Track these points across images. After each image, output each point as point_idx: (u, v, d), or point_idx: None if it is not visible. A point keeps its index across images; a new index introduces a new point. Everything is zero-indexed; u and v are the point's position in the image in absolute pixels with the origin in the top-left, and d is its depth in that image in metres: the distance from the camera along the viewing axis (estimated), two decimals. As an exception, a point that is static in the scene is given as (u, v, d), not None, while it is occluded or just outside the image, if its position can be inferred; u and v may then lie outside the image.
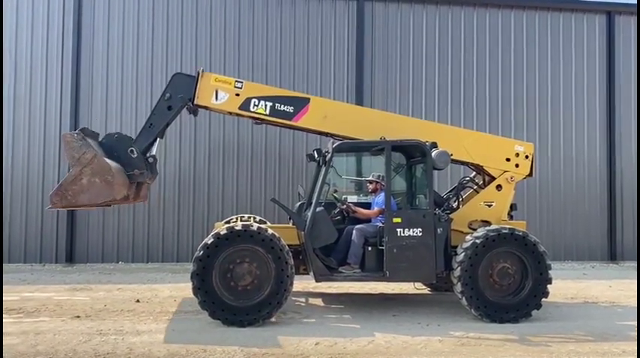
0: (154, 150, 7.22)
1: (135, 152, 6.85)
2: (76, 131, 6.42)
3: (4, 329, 5.95)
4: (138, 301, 7.56)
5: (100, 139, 6.98)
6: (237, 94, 7.18)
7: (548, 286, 6.60)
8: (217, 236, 6.25)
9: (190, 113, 7.43)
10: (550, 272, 6.60)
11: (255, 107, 7.18)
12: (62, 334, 5.81)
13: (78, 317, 6.60)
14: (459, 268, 6.47)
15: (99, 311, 6.91)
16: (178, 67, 11.09)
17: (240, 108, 7.20)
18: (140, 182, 7.13)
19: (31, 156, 11.20)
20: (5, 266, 10.72)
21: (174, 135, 11.49)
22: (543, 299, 6.62)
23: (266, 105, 7.19)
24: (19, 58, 11.32)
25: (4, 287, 8.54)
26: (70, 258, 11.18)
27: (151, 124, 7.14)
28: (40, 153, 11.22)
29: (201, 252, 6.19)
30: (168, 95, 7.13)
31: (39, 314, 6.73)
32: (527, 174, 7.55)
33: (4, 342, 5.45)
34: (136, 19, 11.64)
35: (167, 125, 7.27)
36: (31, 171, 11.16)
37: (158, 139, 7.22)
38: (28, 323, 6.25)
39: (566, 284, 9.14)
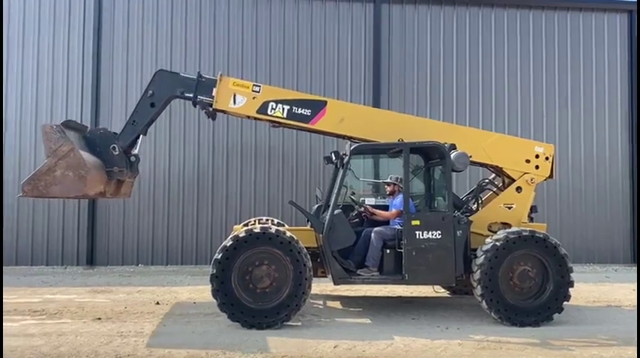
0: (137, 149, 7.24)
1: (117, 149, 6.86)
2: (56, 123, 6.36)
3: (28, 330, 6.07)
4: (158, 303, 7.63)
5: (86, 133, 6.96)
6: (255, 98, 7.22)
7: (570, 289, 6.51)
8: (236, 238, 6.28)
9: (209, 117, 7.50)
10: (572, 275, 6.51)
11: (273, 110, 7.21)
12: (84, 335, 5.88)
13: (99, 319, 6.68)
14: (479, 271, 6.41)
15: (119, 313, 6.98)
16: (197, 69, 11.15)
17: (257, 111, 7.24)
18: (124, 179, 7.14)
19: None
20: (28, 268, 10.94)
21: (193, 138, 11.61)
22: (565, 303, 6.52)
23: (283, 109, 7.22)
24: (40, 62, 11.50)
25: (24, 289, 8.70)
26: (91, 261, 11.32)
27: (134, 121, 7.18)
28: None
29: (221, 255, 6.22)
30: (151, 92, 7.17)
31: (61, 316, 6.83)
32: (547, 175, 7.46)
33: (28, 343, 5.55)
34: (155, 21, 11.77)
35: (151, 122, 7.32)
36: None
37: (142, 136, 7.26)
38: (50, 325, 6.35)
39: (588, 288, 9.00)
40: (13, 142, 11.34)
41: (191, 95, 7.18)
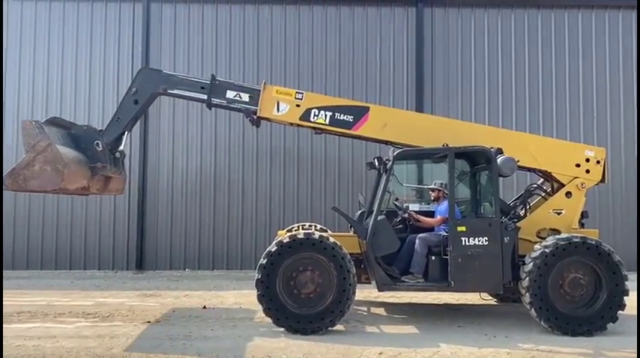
0: (122, 145, 7.34)
1: (100, 145, 6.94)
2: (35, 119, 6.47)
3: (82, 332, 6.30)
4: (205, 307, 7.77)
5: (71, 129, 7.07)
6: (298, 105, 7.29)
7: (625, 298, 6.25)
8: (280, 244, 6.34)
9: (253, 125, 7.61)
10: (627, 283, 6.26)
11: (315, 117, 7.27)
12: (135, 338, 6.06)
13: (148, 322, 6.86)
14: (528, 278, 6.25)
15: (168, 317, 7.16)
16: (241, 79, 11.41)
17: (300, 118, 7.31)
18: (110, 175, 7.24)
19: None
20: (81, 272, 11.38)
21: (238, 144, 11.84)
22: (620, 312, 6.27)
23: (326, 115, 7.27)
24: (92, 76, 11.97)
25: (77, 292, 9.04)
26: (140, 265, 11.67)
27: (118, 118, 7.31)
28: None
29: (265, 260, 6.29)
30: (134, 89, 7.31)
31: (113, 319, 7.06)
32: (598, 180, 7.22)
33: (83, 344, 5.77)
34: (200, 32, 12.07)
35: (135, 119, 7.48)
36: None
37: (127, 133, 7.37)
38: (103, 327, 6.57)
39: (644, 297, 8.61)
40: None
41: (175, 92, 7.40)
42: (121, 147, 7.34)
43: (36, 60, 11.96)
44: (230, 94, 7.46)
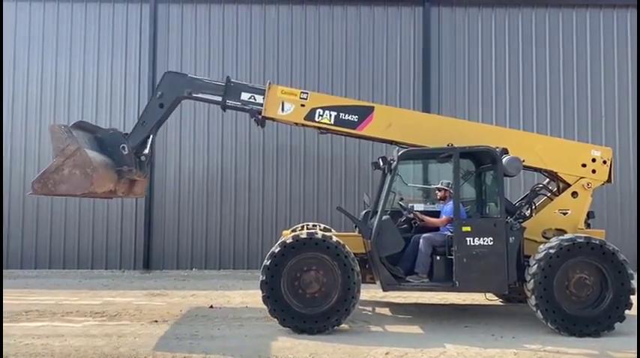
0: (147, 149, 7.39)
1: (126, 149, 7.00)
2: (64, 124, 6.57)
3: (90, 331, 6.36)
4: (211, 307, 7.81)
5: (97, 133, 7.15)
6: (303, 105, 7.32)
7: (632, 297, 6.22)
8: (284, 245, 6.36)
9: (258, 124, 7.64)
10: (633, 282, 6.23)
11: (320, 117, 7.29)
12: (142, 337, 6.11)
13: (156, 321, 6.91)
14: (532, 280, 6.23)
15: (175, 316, 7.20)
16: (248, 79, 11.44)
17: (305, 118, 7.33)
18: (135, 179, 7.29)
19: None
20: (89, 272, 11.46)
21: (245, 145, 11.87)
22: (627, 312, 6.24)
23: (330, 115, 7.29)
24: (100, 78, 12.04)
25: (85, 291, 9.11)
26: (147, 265, 11.73)
27: (144, 122, 7.39)
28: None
29: (269, 261, 6.32)
30: (160, 93, 7.38)
31: (120, 318, 7.11)
32: (605, 180, 7.19)
33: (91, 343, 5.82)
34: (207, 35, 12.11)
35: (160, 122, 7.50)
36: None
37: (152, 137, 7.42)
38: (110, 326, 6.62)
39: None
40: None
41: (199, 95, 7.49)
42: (146, 151, 7.40)
43: (44, 61, 12.04)
44: (245, 96, 7.52)
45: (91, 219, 11.78)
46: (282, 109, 7.35)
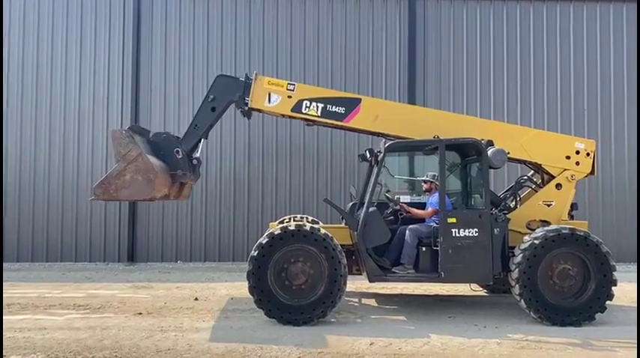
0: (198, 152, 7.38)
1: (180, 153, 7.03)
2: (125, 128, 6.61)
3: (73, 324, 6.29)
4: (196, 299, 7.78)
5: (150, 137, 7.20)
6: (290, 97, 7.27)
7: (613, 288, 6.32)
8: (272, 236, 6.36)
9: (244, 116, 7.59)
10: (615, 273, 6.33)
11: (307, 109, 7.26)
12: (126, 330, 6.06)
13: (140, 314, 6.86)
14: (517, 270, 6.30)
15: (159, 309, 7.15)
16: (233, 70, 11.38)
17: (292, 110, 7.29)
18: (186, 182, 7.31)
19: (94, 161, 11.70)
20: (72, 264, 11.34)
21: (230, 137, 11.77)
22: (608, 303, 6.35)
23: (317, 107, 7.25)
24: (83, 71, 11.86)
25: (69, 284, 9.01)
26: (132, 258, 11.63)
27: (196, 125, 7.34)
28: (102, 159, 11.69)
29: (256, 252, 6.31)
30: (212, 97, 7.31)
31: (104, 311, 7.05)
32: (588, 172, 7.27)
33: (74, 336, 5.76)
34: (192, 25, 11.98)
35: (211, 126, 7.44)
36: (94, 175, 11.61)
37: (203, 140, 7.39)
38: (94, 319, 6.56)
39: (632, 287, 8.69)
40: (58, 145, 11.73)
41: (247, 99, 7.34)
42: (197, 154, 7.36)
43: (25, 50, 11.82)
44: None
45: (74, 211, 11.63)
46: (269, 101, 7.29)
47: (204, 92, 7.58)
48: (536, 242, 6.31)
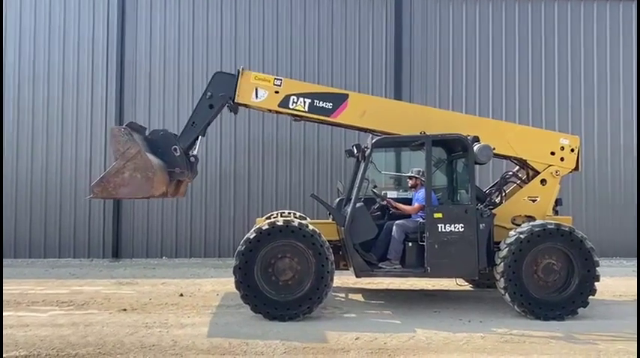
0: (195, 150, 7.34)
1: (178, 150, 6.98)
2: (123, 126, 6.56)
3: (56, 320, 6.22)
4: (181, 295, 7.73)
5: (147, 134, 7.14)
6: (277, 92, 7.23)
7: (596, 283, 6.41)
8: (259, 231, 6.33)
9: (231, 111, 7.53)
10: (598, 269, 6.41)
11: (294, 104, 7.23)
12: (110, 326, 6.00)
13: (124, 310, 6.80)
14: (503, 264, 6.35)
15: (144, 305, 7.10)
16: (218, 66, 11.30)
17: (279, 105, 7.26)
18: (183, 179, 7.27)
19: (78, 156, 11.56)
20: (55, 260, 11.20)
21: (215, 133, 11.66)
22: (591, 297, 6.43)
23: (305, 102, 7.23)
24: (66, 61, 11.70)
25: (52, 280, 8.91)
26: (116, 254, 11.52)
27: (194, 123, 7.28)
28: (87, 153, 11.56)
29: (244, 247, 6.28)
30: (209, 94, 7.25)
31: (88, 307, 6.98)
32: (573, 167, 7.35)
33: (57, 333, 5.70)
34: (177, 17, 11.86)
35: (209, 123, 7.39)
36: (78, 170, 11.53)
37: (200, 137, 7.34)
38: (78, 316, 6.49)
39: (614, 282, 8.84)
40: (41, 141, 11.57)
41: None
42: (195, 152, 7.30)
43: (7, 44, 11.63)
44: None
45: (58, 206, 11.50)
46: (256, 96, 7.25)
47: (189, 89, 7.53)
48: (522, 236, 6.37)
